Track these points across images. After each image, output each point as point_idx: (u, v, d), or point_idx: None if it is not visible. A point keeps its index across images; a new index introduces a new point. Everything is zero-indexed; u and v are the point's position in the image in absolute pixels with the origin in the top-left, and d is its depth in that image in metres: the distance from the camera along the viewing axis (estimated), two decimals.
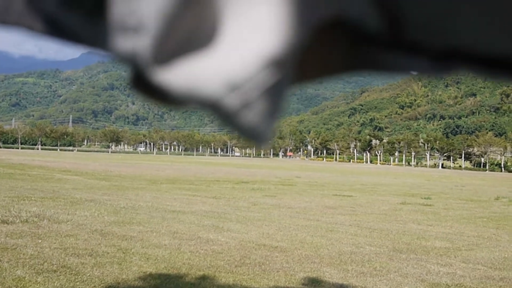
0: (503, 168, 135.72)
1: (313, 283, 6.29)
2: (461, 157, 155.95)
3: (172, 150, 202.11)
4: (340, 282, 6.40)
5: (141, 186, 20.82)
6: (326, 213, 13.75)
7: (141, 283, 5.87)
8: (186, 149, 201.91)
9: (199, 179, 27.54)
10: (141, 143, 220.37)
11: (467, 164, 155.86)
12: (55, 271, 6.13)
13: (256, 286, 6.02)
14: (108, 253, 7.23)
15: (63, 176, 24.91)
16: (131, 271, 6.30)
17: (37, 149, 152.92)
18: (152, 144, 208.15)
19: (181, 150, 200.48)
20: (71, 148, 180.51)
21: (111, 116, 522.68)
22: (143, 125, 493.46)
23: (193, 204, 14.42)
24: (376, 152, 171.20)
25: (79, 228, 9.12)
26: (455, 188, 31.54)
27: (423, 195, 22.59)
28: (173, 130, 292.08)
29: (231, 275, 6.41)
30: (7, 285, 5.45)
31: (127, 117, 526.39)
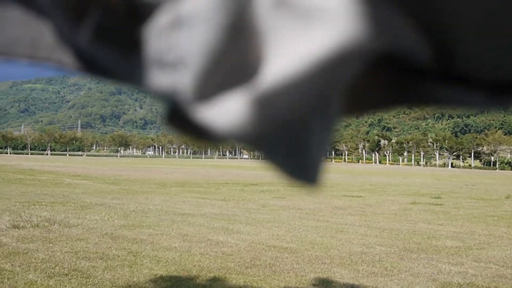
0: None
1: (324, 283, 6.28)
2: (470, 156, 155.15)
3: (180, 153, 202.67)
4: (351, 282, 6.38)
5: (150, 189, 20.88)
6: (336, 213, 13.72)
7: (152, 285, 5.89)
8: (194, 152, 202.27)
9: (208, 182, 27.57)
10: (149, 147, 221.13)
11: (477, 163, 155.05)
12: (66, 274, 6.16)
13: (266, 287, 6.01)
14: (118, 256, 7.26)
15: (73, 181, 25.02)
16: (142, 274, 6.32)
17: (47, 154, 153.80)
18: (160, 147, 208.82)
19: (190, 154, 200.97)
20: (80, 153, 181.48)
21: (119, 120, 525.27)
22: (151, 129, 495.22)
23: (202, 206, 14.44)
24: (385, 153, 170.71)
25: (89, 232, 9.16)
26: (465, 187, 31.36)
27: (433, 195, 22.48)
28: None
29: (242, 276, 6.41)
30: None
31: (135, 122, 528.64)
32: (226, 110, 0.36)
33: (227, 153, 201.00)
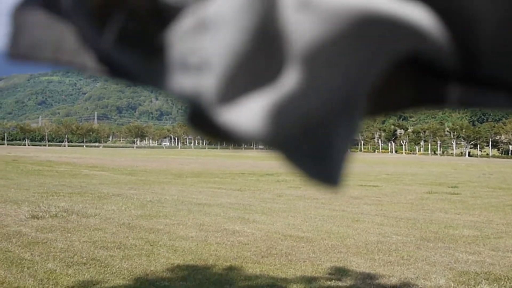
0: None
1: (340, 272, 6.28)
2: (488, 145, 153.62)
3: (196, 144, 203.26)
4: (367, 271, 6.38)
5: (166, 180, 21.00)
6: (352, 203, 13.69)
7: (169, 274, 5.94)
8: (210, 143, 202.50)
9: (224, 172, 27.64)
10: (165, 137, 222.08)
11: (495, 152, 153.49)
12: (85, 263, 6.24)
13: (283, 276, 6.03)
14: (136, 245, 7.33)
15: (90, 171, 25.26)
16: (159, 263, 6.37)
17: (64, 146, 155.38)
18: (176, 138, 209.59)
19: (205, 144, 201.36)
20: (97, 144, 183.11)
21: (135, 112, 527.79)
22: (167, 120, 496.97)
23: (218, 196, 14.50)
24: (401, 142, 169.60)
25: (107, 222, 9.26)
26: (482, 176, 31.06)
27: (450, 184, 22.31)
28: None
29: (258, 265, 6.44)
30: (39, 277, 5.57)
31: (151, 113, 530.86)
32: (249, 113, 0.37)
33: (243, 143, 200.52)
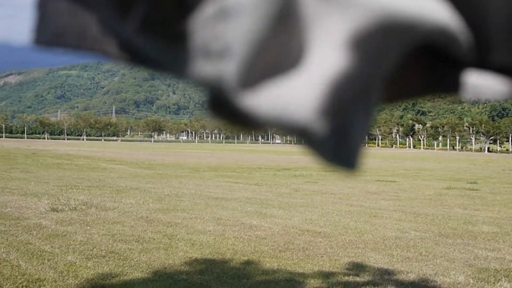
0: None
1: (358, 267, 6.26)
2: (508, 141, 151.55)
3: (213, 138, 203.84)
4: (385, 267, 6.35)
5: (184, 174, 21.10)
6: (369, 198, 13.62)
7: (187, 268, 5.97)
8: (227, 137, 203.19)
9: (241, 167, 27.69)
10: (182, 132, 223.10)
11: None
12: (104, 256, 6.30)
13: (300, 271, 6.03)
14: (154, 239, 7.38)
15: (108, 165, 25.48)
16: (177, 257, 6.41)
17: (82, 139, 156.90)
18: (193, 132, 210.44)
19: (222, 138, 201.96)
20: (115, 138, 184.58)
21: (152, 106, 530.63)
22: (184, 114, 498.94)
23: (235, 191, 14.53)
24: (419, 137, 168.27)
25: (125, 215, 9.33)
26: (502, 172, 30.68)
27: (469, 180, 22.08)
28: None
29: (275, 260, 6.44)
30: (59, 269, 5.64)
31: (169, 107, 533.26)
32: (270, 98, 0.37)
33: (260, 138, 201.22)
